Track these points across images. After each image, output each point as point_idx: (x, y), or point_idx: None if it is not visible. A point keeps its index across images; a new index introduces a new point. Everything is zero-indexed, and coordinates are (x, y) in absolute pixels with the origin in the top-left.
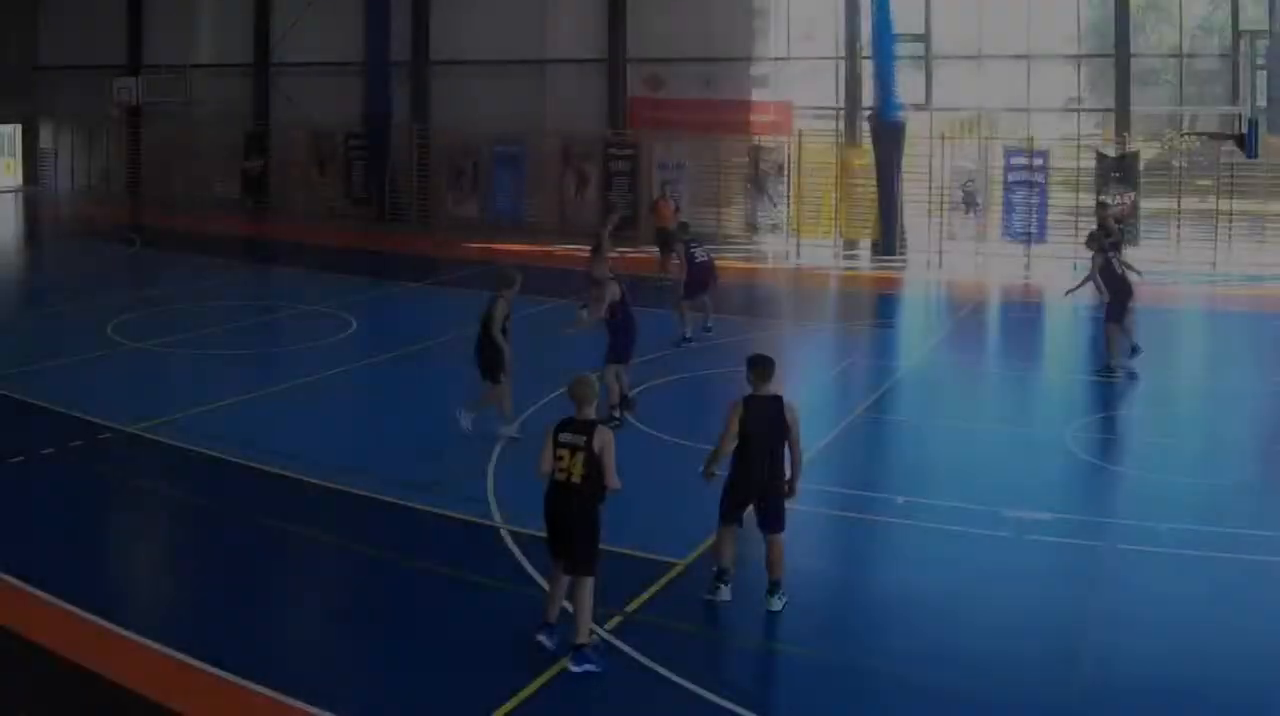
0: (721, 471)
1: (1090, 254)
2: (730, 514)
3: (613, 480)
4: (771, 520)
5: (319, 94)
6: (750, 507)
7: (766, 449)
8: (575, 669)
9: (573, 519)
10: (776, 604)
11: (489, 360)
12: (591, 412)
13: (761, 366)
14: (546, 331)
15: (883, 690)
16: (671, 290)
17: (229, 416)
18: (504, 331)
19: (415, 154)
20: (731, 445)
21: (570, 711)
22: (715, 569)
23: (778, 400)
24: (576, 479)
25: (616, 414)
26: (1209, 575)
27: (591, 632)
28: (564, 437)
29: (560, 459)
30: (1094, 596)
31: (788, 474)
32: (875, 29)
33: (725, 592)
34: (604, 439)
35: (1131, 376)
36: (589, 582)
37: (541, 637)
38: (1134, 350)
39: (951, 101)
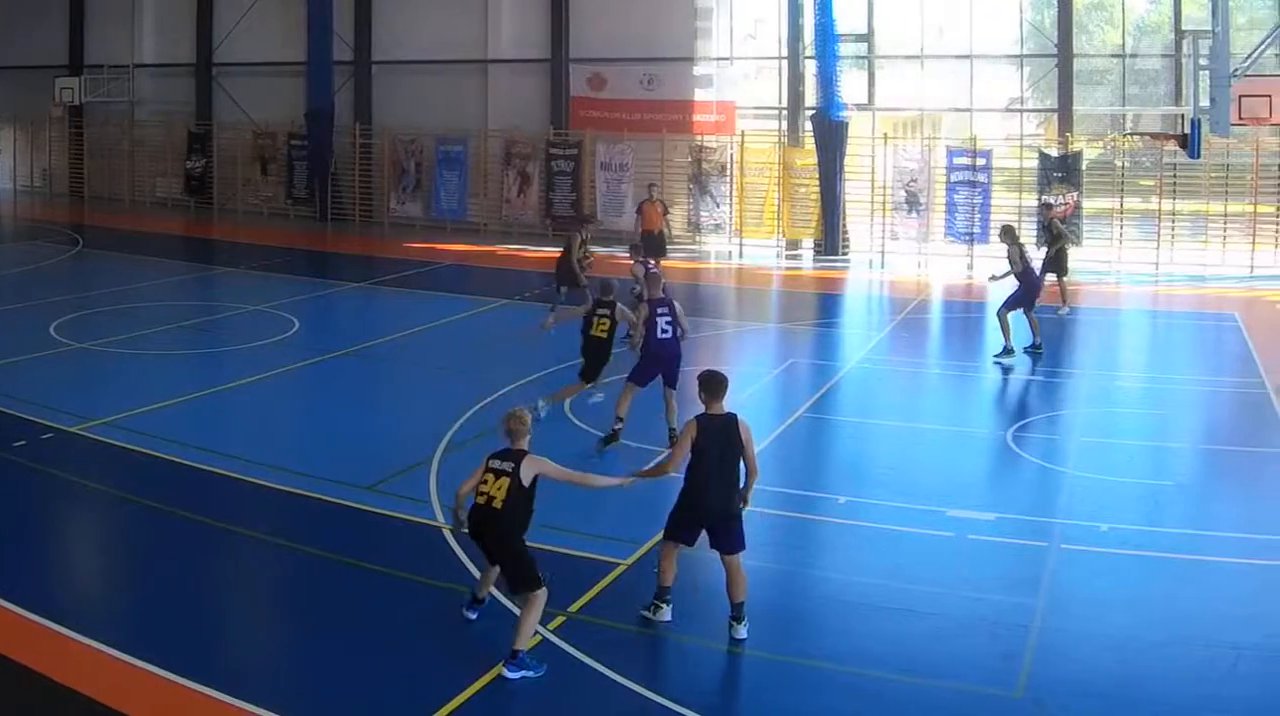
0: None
1: (1006, 247)
2: (675, 532)
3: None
4: (724, 541)
5: (261, 94)
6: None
7: (719, 468)
8: (510, 675)
9: (493, 543)
10: (741, 631)
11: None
12: (524, 445)
13: (712, 385)
14: (495, 330)
15: (825, 690)
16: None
17: (172, 416)
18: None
19: (357, 154)
20: (679, 463)
21: (513, 711)
22: (657, 587)
23: (731, 418)
24: (497, 504)
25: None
26: (1151, 575)
27: (534, 636)
28: (493, 463)
29: (485, 482)
30: (1036, 596)
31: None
32: (818, 29)
33: (666, 613)
34: (535, 468)
35: (1006, 369)
36: (535, 597)
37: (467, 612)
38: (1035, 348)
39: (894, 102)
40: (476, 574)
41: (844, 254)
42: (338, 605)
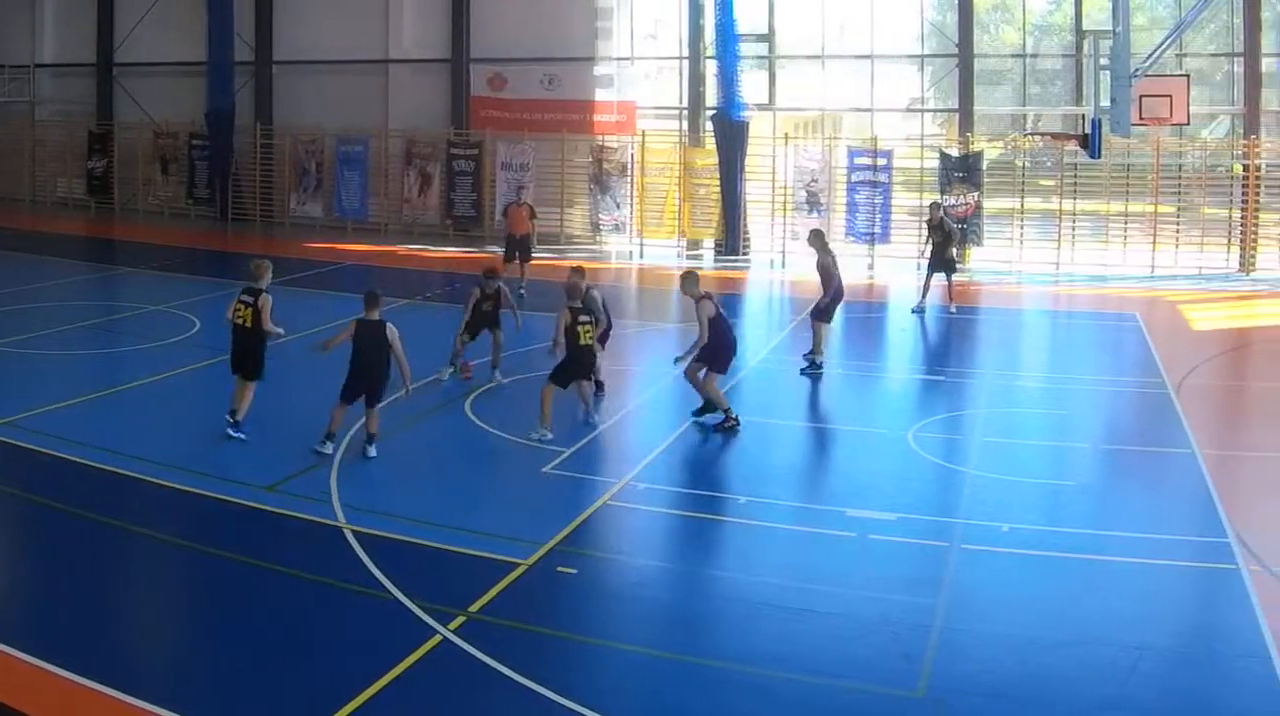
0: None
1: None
2: (346, 396)
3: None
4: (372, 400)
5: (162, 94)
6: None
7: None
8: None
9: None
10: (372, 451)
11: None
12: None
13: (369, 298)
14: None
15: (726, 689)
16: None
17: (73, 416)
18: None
19: (258, 154)
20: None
21: (412, 710)
22: (327, 432)
23: (382, 323)
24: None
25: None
26: (1052, 575)
27: None
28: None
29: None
30: (937, 596)
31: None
32: (719, 29)
33: (329, 447)
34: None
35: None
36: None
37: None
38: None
39: (795, 102)
40: (376, 573)
41: (745, 254)
42: (237, 605)
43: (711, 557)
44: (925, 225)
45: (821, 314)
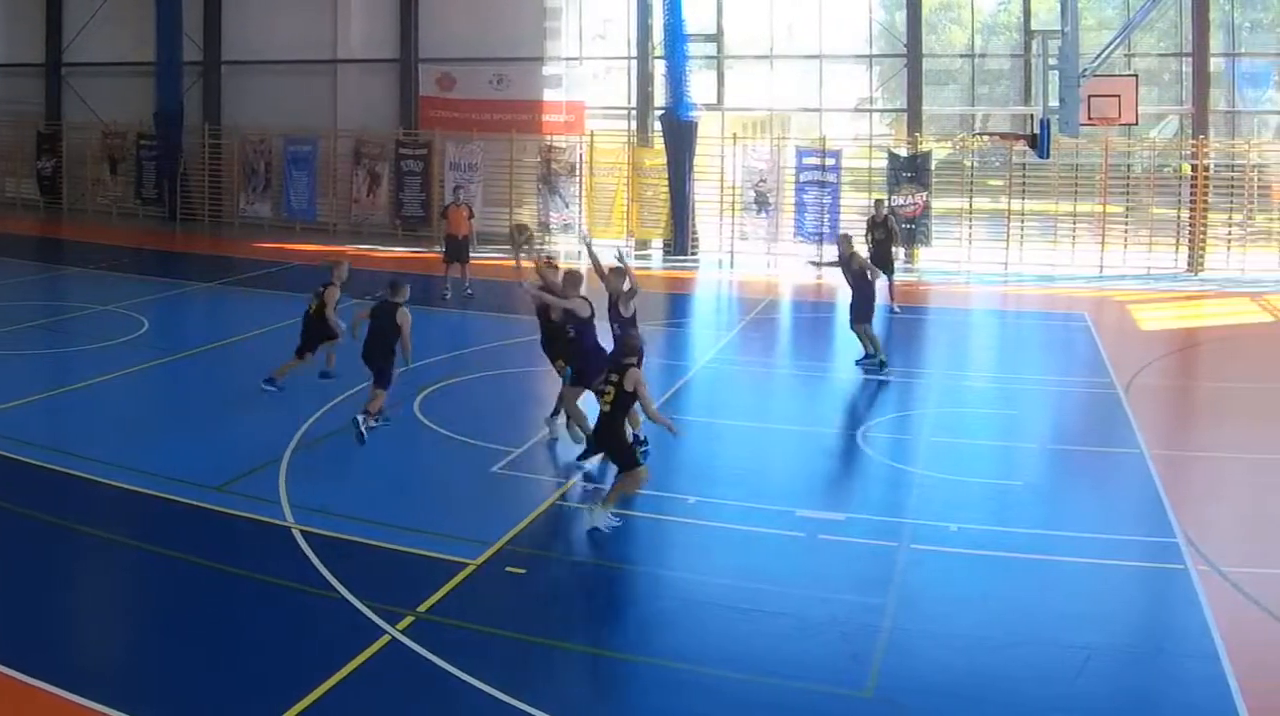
0: None
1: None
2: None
3: None
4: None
5: (111, 94)
6: None
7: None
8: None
9: None
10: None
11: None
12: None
13: (394, 286)
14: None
15: (675, 690)
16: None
17: (21, 416)
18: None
19: (207, 154)
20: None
21: (361, 711)
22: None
23: (396, 306)
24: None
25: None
26: (1000, 575)
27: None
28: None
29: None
30: (886, 596)
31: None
32: (667, 29)
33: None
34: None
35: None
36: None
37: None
38: None
39: (743, 102)
40: (325, 573)
41: (693, 254)
42: (186, 605)
43: (660, 558)
44: (868, 223)
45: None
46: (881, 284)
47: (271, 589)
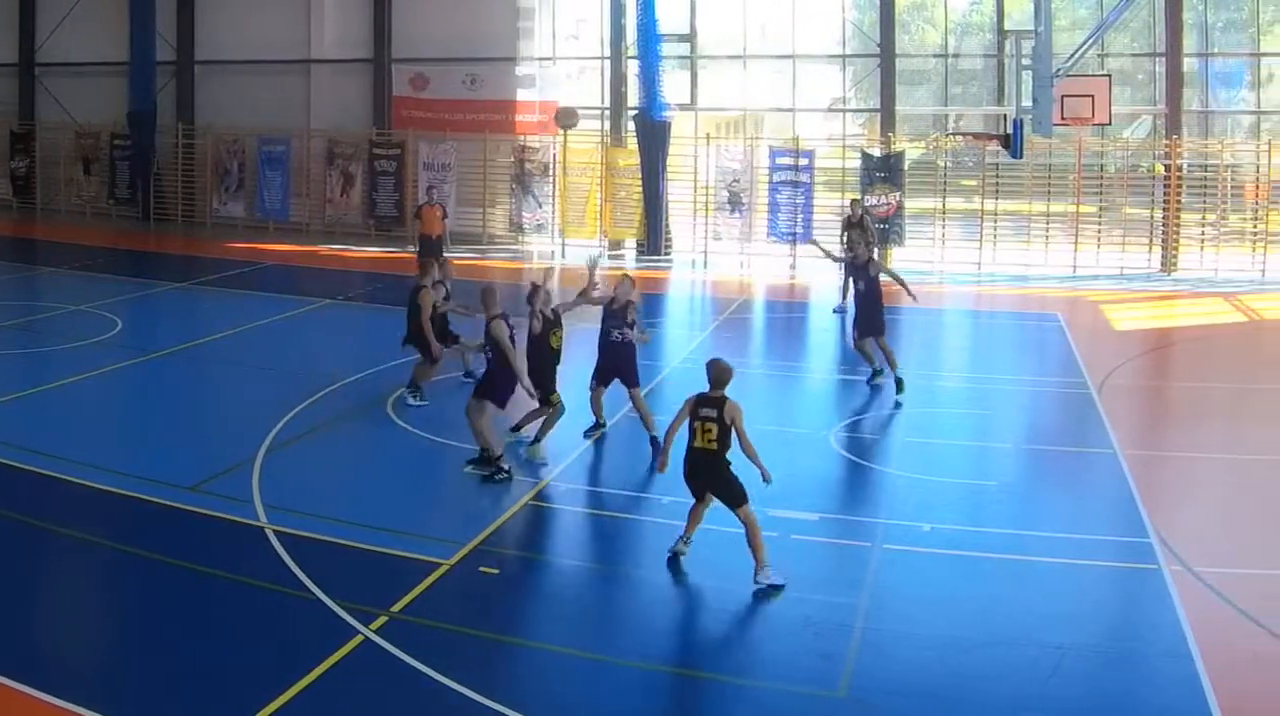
0: None
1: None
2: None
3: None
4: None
5: (84, 94)
6: None
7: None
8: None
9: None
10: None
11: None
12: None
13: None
14: (318, 330)
15: (649, 690)
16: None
17: None
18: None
19: (180, 154)
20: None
21: (334, 711)
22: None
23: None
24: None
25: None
26: (973, 575)
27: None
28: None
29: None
30: (859, 596)
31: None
32: (640, 29)
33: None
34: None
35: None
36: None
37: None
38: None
39: (717, 102)
40: (298, 573)
41: (667, 254)
42: (160, 605)
43: (633, 557)
44: (843, 223)
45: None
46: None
47: (245, 589)
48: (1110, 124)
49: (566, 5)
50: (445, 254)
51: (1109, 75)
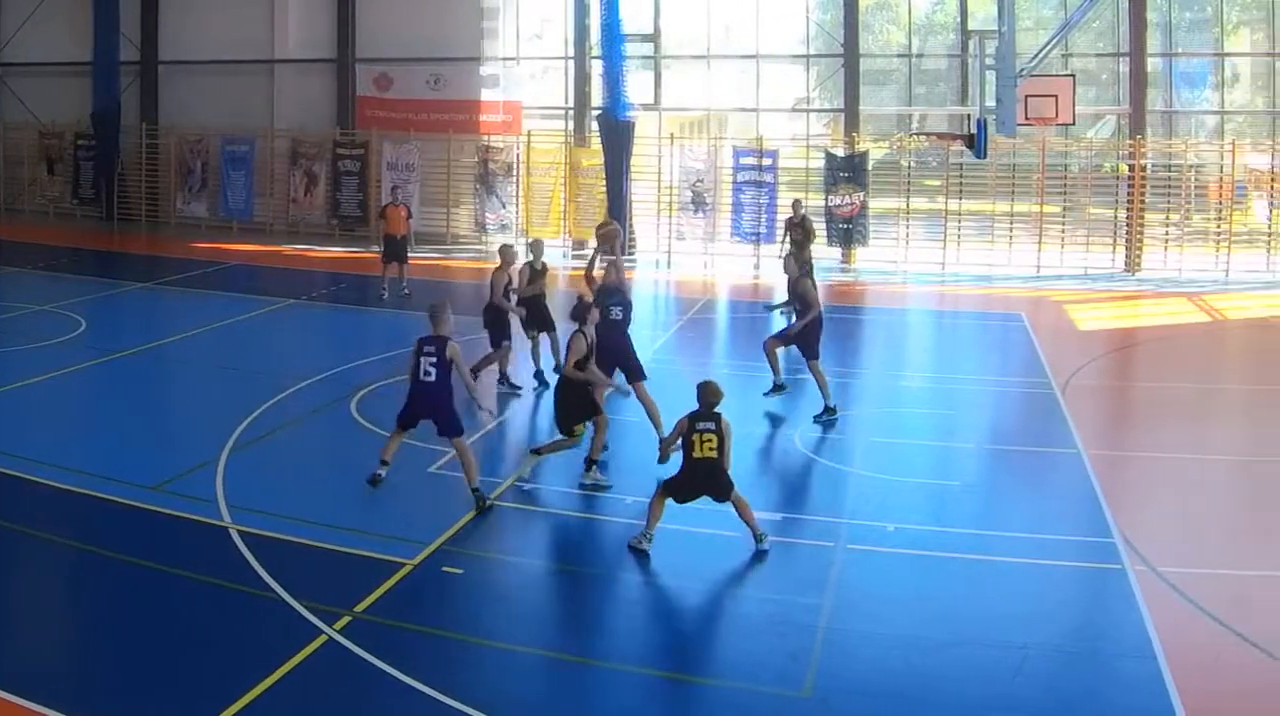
0: None
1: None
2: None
3: None
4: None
5: (48, 94)
6: None
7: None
8: None
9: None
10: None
11: None
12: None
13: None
14: (281, 330)
15: (614, 689)
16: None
17: None
18: None
19: (144, 154)
20: None
21: (298, 711)
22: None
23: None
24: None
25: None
26: (937, 575)
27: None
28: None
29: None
30: (823, 596)
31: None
32: (604, 29)
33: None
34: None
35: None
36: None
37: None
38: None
39: (681, 102)
40: (262, 573)
41: (630, 254)
42: (123, 605)
43: (598, 558)
44: (786, 223)
45: (810, 349)
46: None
47: (208, 589)
48: (1074, 124)
49: (530, 5)
50: (409, 254)
51: (1073, 75)
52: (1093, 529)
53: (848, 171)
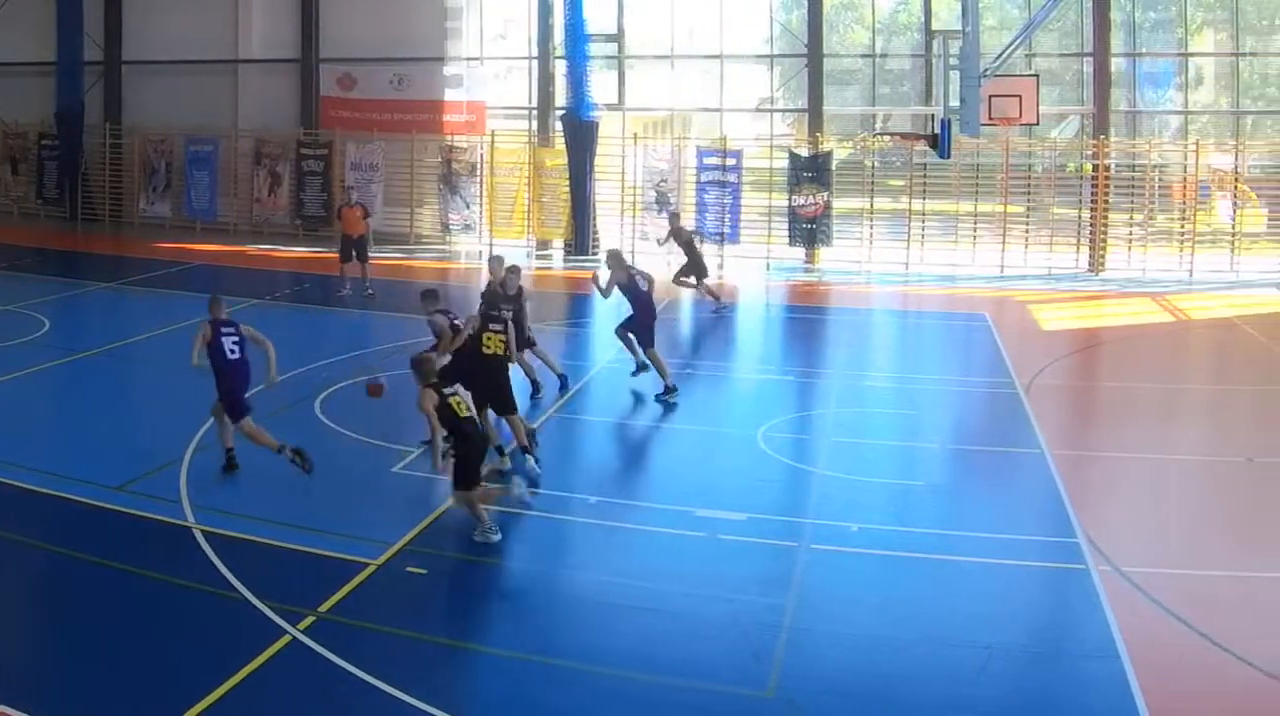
0: None
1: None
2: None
3: None
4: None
5: (11, 94)
6: None
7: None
8: None
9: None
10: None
11: None
12: None
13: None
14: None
15: (576, 690)
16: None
17: None
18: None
19: (108, 154)
20: None
21: (261, 711)
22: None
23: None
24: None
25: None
26: (901, 575)
27: None
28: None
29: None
30: (787, 596)
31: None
32: (568, 29)
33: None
34: None
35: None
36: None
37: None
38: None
39: (645, 102)
40: (226, 573)
41: (594, 254)
42: (85, 605)
43: (562, 557)
44: (669, 238)
45: (646, 338)
46: (708, 283)
47: (172, 589)
48: (1038, 124)
49: (494, 5)
50: (370, 254)
51: (1037, 75)
52: (1056, 529)
53: (811, 171)
